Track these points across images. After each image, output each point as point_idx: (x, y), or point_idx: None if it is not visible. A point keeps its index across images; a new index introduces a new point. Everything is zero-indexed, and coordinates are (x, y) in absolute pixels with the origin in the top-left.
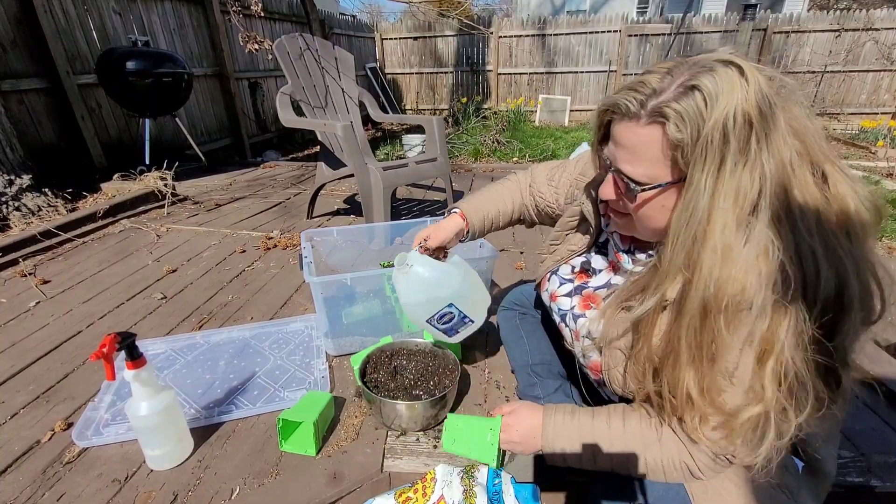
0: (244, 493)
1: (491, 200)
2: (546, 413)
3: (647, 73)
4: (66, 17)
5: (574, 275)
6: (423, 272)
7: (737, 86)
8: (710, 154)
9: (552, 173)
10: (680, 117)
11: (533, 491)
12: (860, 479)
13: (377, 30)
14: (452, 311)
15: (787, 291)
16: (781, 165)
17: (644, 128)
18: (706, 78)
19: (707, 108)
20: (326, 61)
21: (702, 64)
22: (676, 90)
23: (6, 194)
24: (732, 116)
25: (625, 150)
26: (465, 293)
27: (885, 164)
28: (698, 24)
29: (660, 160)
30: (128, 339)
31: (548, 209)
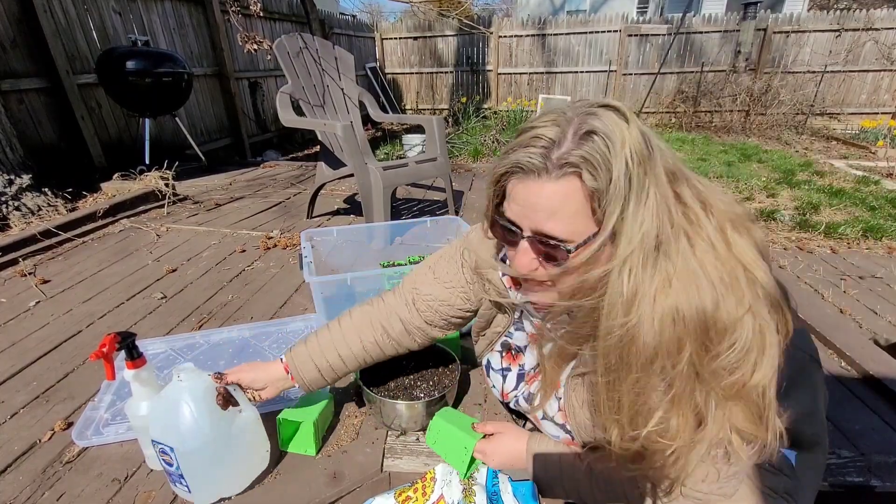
0: (244, 492)
1: (330, 345)
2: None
3: (530, 129)
4: (66, 17)
5: (503, 360)
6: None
7: (622, 126)
8: (620, 198)
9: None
10: (590, 164)
11: (532, 489)
12: (860, 479)
13: (377, 30)
14: (172, 458)
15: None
16: (666, 198)
17: (557, 182)
18: (596, 122)
19: (610, 150)
20: (326, 61)
21: (583, 111)
22: (573, 139)
23: (6, 194)
24: (630, 155)
25: (541, 209)
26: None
27: (885, 164)
28: (698, 24)
29: (581, 212)
30: (128, 339)
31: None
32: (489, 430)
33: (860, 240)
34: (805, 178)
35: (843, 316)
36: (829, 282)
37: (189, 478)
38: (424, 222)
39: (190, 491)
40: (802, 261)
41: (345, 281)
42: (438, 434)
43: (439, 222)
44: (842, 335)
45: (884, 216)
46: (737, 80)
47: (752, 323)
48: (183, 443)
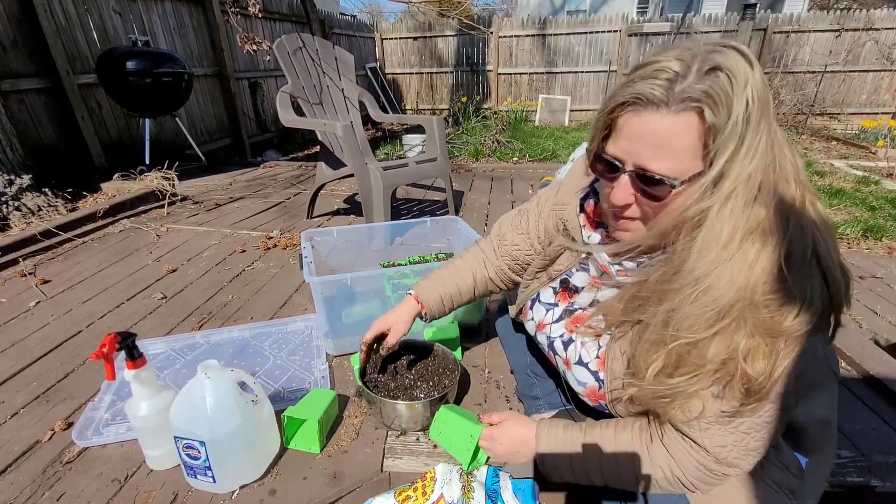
0: (244, 492)
1: (449, 277)
2: (539, 426)
3: (654, 61)
4: (66, 17)
5: (557, 297)
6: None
7: (746, 67)
8: (735, 137)
9: (517, 222)
10: (712, 100)
11: (531, 488)
12: (860, 479)
13: (377, 30)
14: (199, 451)
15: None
16: (776, 150)
17: (676, 116)
18: (723, 58)
19: (733, 88)
20: (326, 61)
21: (709, 48)
22: (698, 73)
23: (6, 194)
24: (752, 96)
25: (648, 145)
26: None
27: (885, 164)
28: (698, 24)
29: (691, 150)
30: (128, 339)
31: (527, 258)
32: (494, 420)
33: (860, 240)
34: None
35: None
36: None
37: (216, 468)
38: (424, 222)
39: (215, 481)
40: None
41: (345, 281)
42: (444, 425)
43: (439, 222)
44: (842, 335)
45: (884, 216)
46: None
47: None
48: (214, 436)
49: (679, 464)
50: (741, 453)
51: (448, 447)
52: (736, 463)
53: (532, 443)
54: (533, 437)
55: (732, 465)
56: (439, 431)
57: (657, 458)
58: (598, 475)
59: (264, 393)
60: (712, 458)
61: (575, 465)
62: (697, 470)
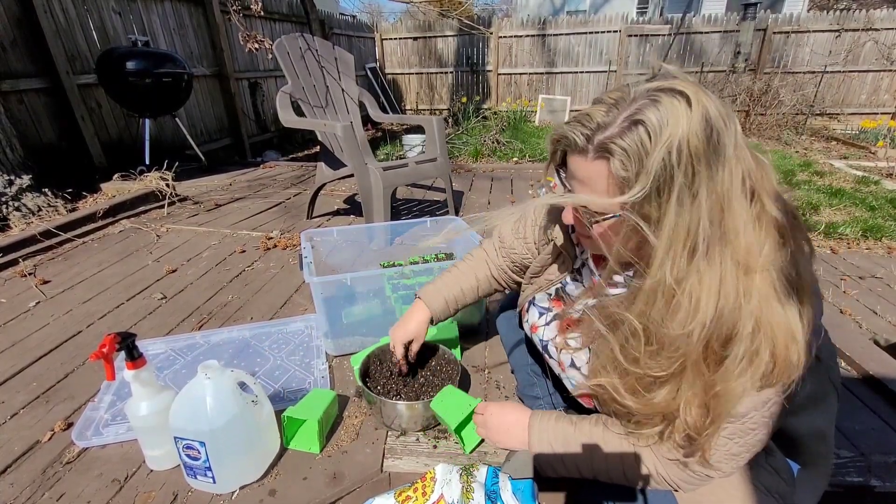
0: (244, 492)
1: (453, 280)
2: (533, 416)
3: (595, 103)
4: (66, 17)
5: (550, 302)
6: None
7: (681, 117)
8: (652, 189)
9: (517, 227)
10: (625, 153)
11: (531, 488)
12: (860, 479)
13: (377, 30)
14: (200, 452)
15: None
16: (723, 198)
17: (592, 162)
18: (651, 111)
19: (651, 142)
20: (326, 61)
21: (648, 94)
22: (621, 125)
23: (6, 194)
24: (676, 150)
25: (577, 182)
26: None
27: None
28: (698, 24)
29: (609, 192)
30: (128, 339)
31: (524, 262)
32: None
33: (860, 240)
34: (805, 178)
35: (843, 316)
36: (829, 282)
37: (217, 469)
38: (424, 222)
39: (215, 482)
40: None
41: (345, 281)
42: (447, 397)
43: (439, 222)
44: (842, 335)
45: (884, 216)
46: (737, 80)
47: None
48: (215, 437)
49: (662, 462)
50: (724, 457)
51: (444, 414)
52: (719, 467)
53: (523, 428)
54: (526, 422)
55: (715, 468)
56: (441, 401)
57: (644, 456)
58: (587, 469)
59: (264, 393)
60: (695, 460)
61: (566, 458)
62: (680, 470)
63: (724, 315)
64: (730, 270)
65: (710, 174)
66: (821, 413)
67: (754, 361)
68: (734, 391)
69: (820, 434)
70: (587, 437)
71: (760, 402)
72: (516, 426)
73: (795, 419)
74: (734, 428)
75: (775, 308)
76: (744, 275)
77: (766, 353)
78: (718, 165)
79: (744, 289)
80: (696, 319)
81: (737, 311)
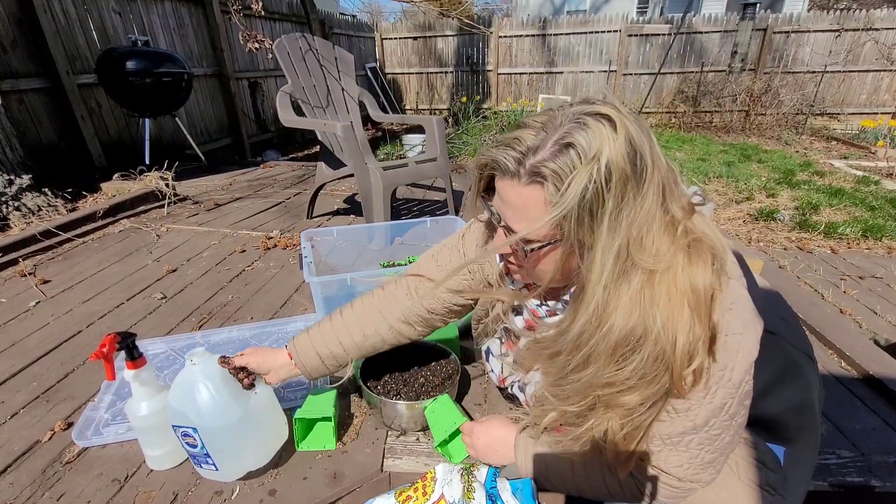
0: (244, 492)
1: (332, 335)
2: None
3: (521, 127)
4: (66, 17)
5: (503, 346)
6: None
7: (608, 139)
8: (583, 212)
9: (440, 263)
10: (557, 177)
11: (531, 487)
12: (860, 479)
13: (377, 30)
14: (195, 439)
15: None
16: (646, 214)
17: (524, 188)
18: (579, 134)
19: (582, 165)
20: (327, 61)
21: (574, 118)
22: (552, 148)
23: (6, 194)
24: (605, 171)
25: (510, 208)
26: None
27: (885, 164)
28: (698, 24)
29: (543, 218)
30: (128, 339)
31: (461, 301)
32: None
33: (860, 240)
34: (805, 178)
35: (843, 316)
36: (829, 282)
37: (215, 455)
38: (424, 222)
39: (217, 469)
40: (802, 261)
41: (345, 281)
42: (440, 406)
43: (439, 222)
44: (842, 335)
45: (884, 216)
46: (737, 80)
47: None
48: (205, 422)
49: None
50: (699, 468)
51: (432, 425)
52: (697, 478)
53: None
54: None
55: (694, 480)
56: (433, 410)
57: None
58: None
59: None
60: (673, 478)
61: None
62: (662, 488)
63: (627, 326)
64: (642, 280)
65: (635, 193)
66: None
67: (644, 371)
68: (634, 403)
69: (796, 407)
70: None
71: (716, 407)
72: (503, 445)
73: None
74: (700, 438)
75: (655, 315)
76: (652, 284)
77: (659, 364)
78: (643, 183)
79: (651, 299)
80: (613, 330)
81: (642, 321)
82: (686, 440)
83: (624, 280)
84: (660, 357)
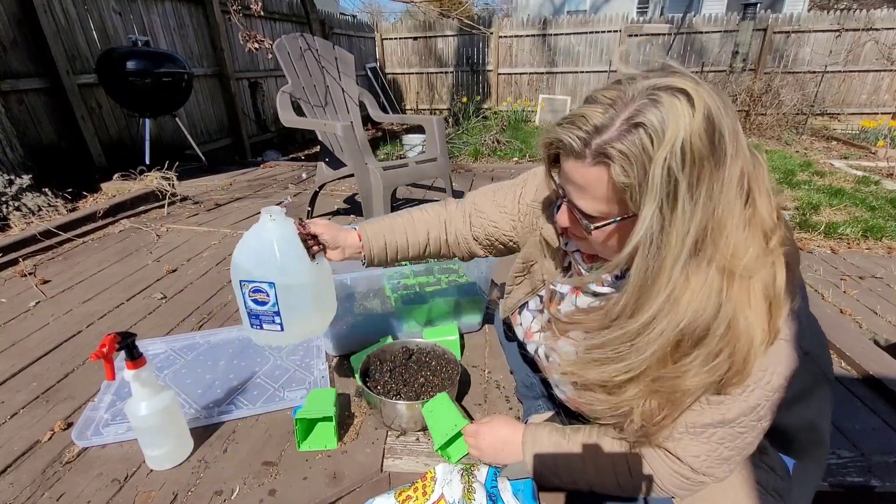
0: (244, 493)
1: (401, 226)
2: (526, 431)
3: (589, 103)
4: (66, 17)
5: (543, 304)
6: (272, 233)
7: (683, 116)
8: (657, 194)
9: (499, 198)
10: (626, 159)
11: (531, 488)
12: (860, 479)
13: (377, 30)
14: (268, 295)
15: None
16: (721, 200)
17: (590, 168)
18: (650, 112)
19: (653, 146)
20: (327, 61)
21: (647, 93)
22: (620, 128)
23: (6, 194)
24: (679, 152)
25: (574, 186)
26: (295, 289)
27: (885, 164)
28: (699, 24)
29: (609, 199)
30: (128, 339)
31: (504, 238)
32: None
33: (860, 240)
34: (805, 178)
35: (843, 316)
36: (829, 282)
37: (285, 314)
38: None
39: (282, 329)
40: (803, 261)
41: (345, 281)
42: (438, 406)
43: None
44: (842, 335)
45: (884, 216)
46: (737, 80)
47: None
48: (284, 278)
49: (655, 472)
50: (715, 463)
51: (431, 426)
52: (711, 472)
53: (517, 445)
54: (518, 439)
55: (707, 474)
56: (431, 410)
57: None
58: (583, 481)
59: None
60: (687, 468)
61: (560, 470)
62: (673, 478)
63: (701, 317)
64: (714, 273)
65: (711, 176)
66: (811, 405)
67: (712, 363)
68: (688, 389)
69: (811, 426)
70: (579, 448)
71: (749, 406)
72: (510, 443)
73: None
74: (724, 432)
75: (746, 315)
76: (726, 278)
77: (725, 358)
78: (720, 166)
79: (725, 292)
80: (673, 319)
81: (713, 314)
82: (710, 432)
83: (698, 268)
84: (729, 351)
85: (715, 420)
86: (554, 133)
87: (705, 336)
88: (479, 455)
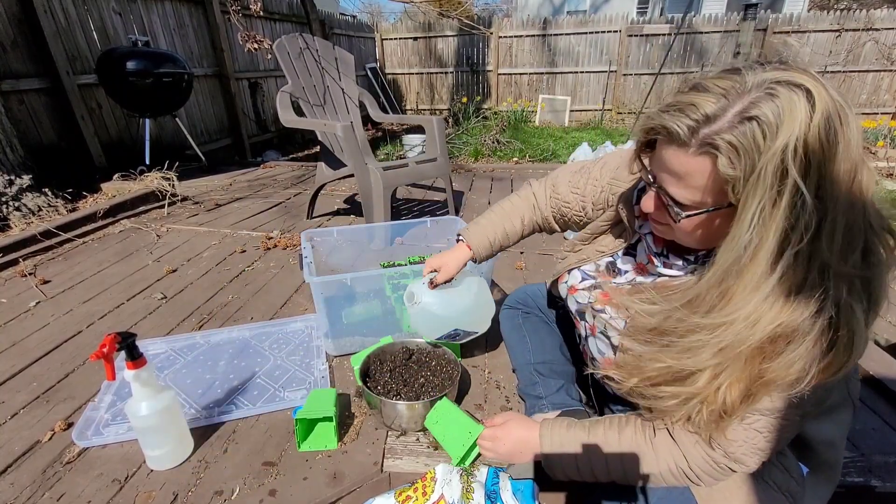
0: (244, 493)
1: (498, 221)
2: (543, 427)
3: (699, 91)
4: (66, 17)
5: (598, 273)
6: (431, 307)
7: (801, 113)
8: (764, 189)
9: (574, 179)
10: (734, 151)
11: (531, 488)
12: (860, 479)
13: (377, 30)
14: (458, 332)
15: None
16: (828, 201)
17: (693, 157)
18: (766, 106)
19: (765, 141)
20: (327, 61)
21: (764, 86)
22: (732, 120)
23: (6, 194)
24: (793, 150)
25: (671, 174)
26: (470, 314)
27: (885, 164)
28: (699, 24)
29: (708, 189)
30: (128, 339)
31: (575, 217)
32: (497, 422)
33: None
34: None
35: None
36: None
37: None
38: (424, 223)
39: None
40: None
41: (345, 281)
42: (443, 416)
43: (439, 222)
44: None
45: None
46: None
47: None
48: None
49: (686, 454)
50: (750, 450)
51: (441, 438)
52: (743, 460)
53: (534, 444)
54: (536, 438)
55: (739, 461)
56: (436, 421)
57: (661, 451)
58: (603, 472)
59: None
60: (721, 452)
61: (580, 463)
62: (704, 462)
63: (798, 316)
64: (815, 273)
65: (821, 176)
66: (834, 423)
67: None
68: (785, 378)
69: (830, 442)
70: (601, 438)
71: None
72: (526, 443)
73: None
74: (767, 421)
75: (853, 312)
76: (828, 278)
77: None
78: (832, 166)
79: (824, 292)
80: (768, 317)
81: (811, 312)
82: (754, 418)
83: (788, 259)
84: (826, 348)
85: (765, 406)
86: (659, 119)
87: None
88: (496, 457)
